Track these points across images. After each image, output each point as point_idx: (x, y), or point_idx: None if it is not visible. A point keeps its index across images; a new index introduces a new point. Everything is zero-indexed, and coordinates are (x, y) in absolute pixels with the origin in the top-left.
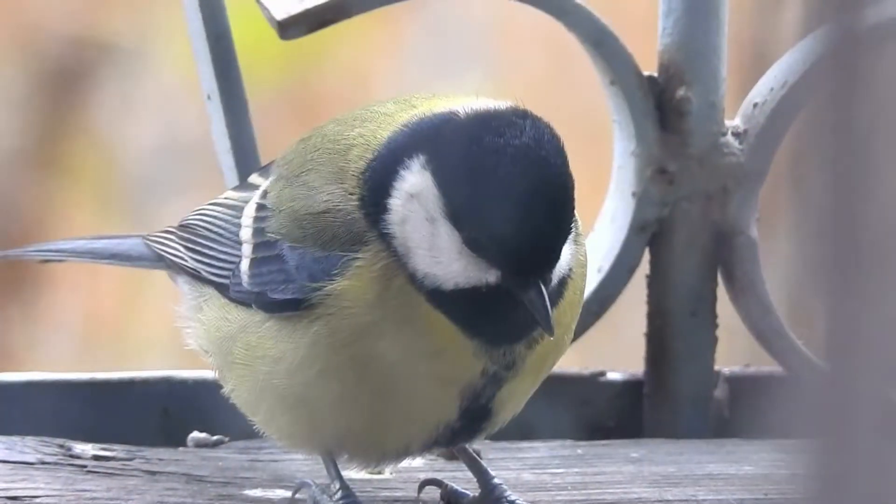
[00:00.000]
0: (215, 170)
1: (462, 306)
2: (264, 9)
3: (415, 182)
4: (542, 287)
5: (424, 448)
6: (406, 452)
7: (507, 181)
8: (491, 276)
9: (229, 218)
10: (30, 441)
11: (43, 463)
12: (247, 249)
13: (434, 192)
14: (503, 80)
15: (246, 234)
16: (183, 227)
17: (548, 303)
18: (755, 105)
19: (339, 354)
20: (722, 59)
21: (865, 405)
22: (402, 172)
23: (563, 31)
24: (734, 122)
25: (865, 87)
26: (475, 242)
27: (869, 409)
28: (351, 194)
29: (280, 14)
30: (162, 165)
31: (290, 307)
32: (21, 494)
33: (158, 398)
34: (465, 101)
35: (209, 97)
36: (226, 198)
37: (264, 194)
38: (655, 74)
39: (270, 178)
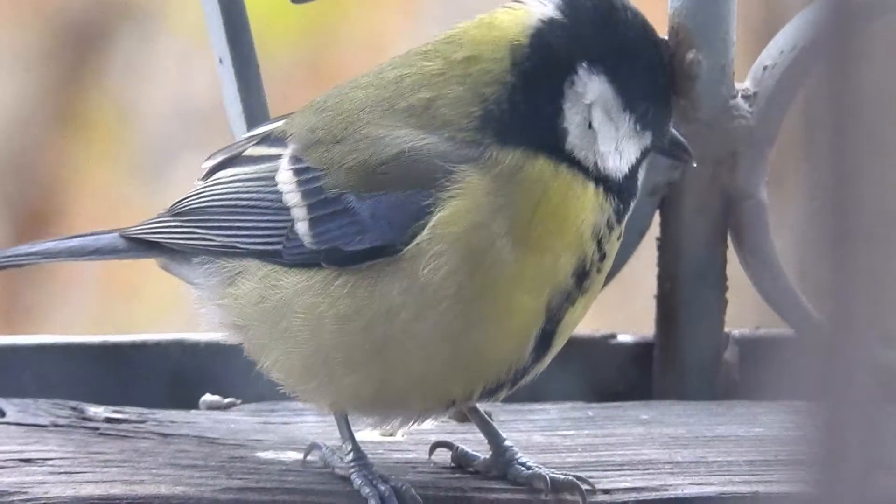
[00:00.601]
0: (226, 132)
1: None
2: None
3: (592, 89)
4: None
5: (486, 394)
6: (467, 399)
7: (656, 53)
8: (647, 139)
9: (260, 189)
10: (43, 404)
11: (56, 425)
12: (300, 212)
13: (611, 91)
14: None
15: (292, 198)
16: (187, 212)
17: (682, 139)
18: (765, 68)
19: (442, 288)
20: (732, 22)
21: (865, 369)
22: (570, 84)
23: None
24: (744, 84)
25: (862, 58)
26: (644, 114)
27: (868, 373)
28: (461, 131)
29: None
30: (176, 125)
31: (372, 256)
32: (34, 457)
33: (171, 361)
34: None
35: (220, 61)
36: (233, 175)
37: (296, 159)
38: (665, 38)
39: (292, 145)
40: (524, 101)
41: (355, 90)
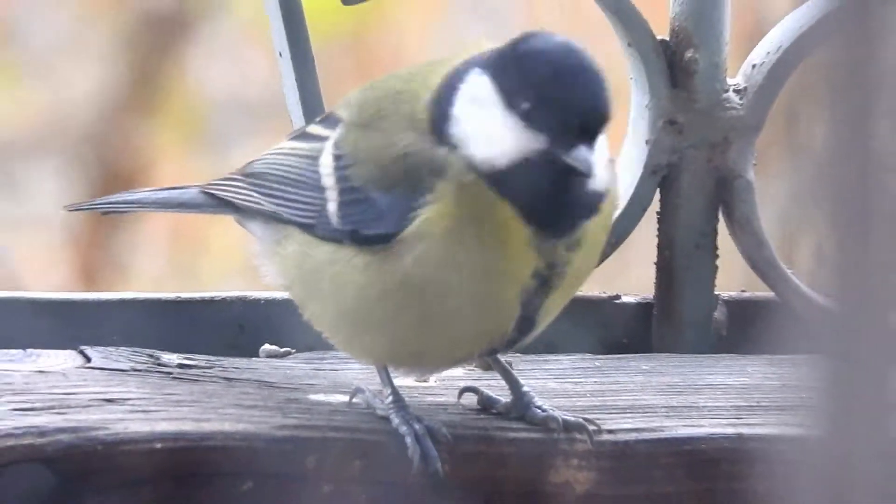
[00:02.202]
0: (284, 118)
1: (518, 185)
2: None
3: (472, 86)
4: (586, 148)
5: (483, 354)
6: (469, 359)
7: (552, 61)
8: (540, 143)
9: (306, 166)
10: (123, 351)
11: (135, 370)
12: (332, 194)
13: (489, 87)
14: None
15: (329, 181)
16: (251, 174)
17: (591, 159)
18: (754, 66)
19: (425, 277)
20: (725, 26)
21: (864, 329)
22: (460, 86)
23: (589, 1)
24: (735, 80)
25: (874, 39)
26: (526, 113)
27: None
28: (423, 129)
29: None
30: (240, 112)
31: (381, 241)
32: (116, 397)
33: (235, 315)
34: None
35: (280, 55)
36: (292, 148)
37: (337, 145)
38: (667, 38)
39: (339, 129)
40: (439, 109)
41: (391, 79)
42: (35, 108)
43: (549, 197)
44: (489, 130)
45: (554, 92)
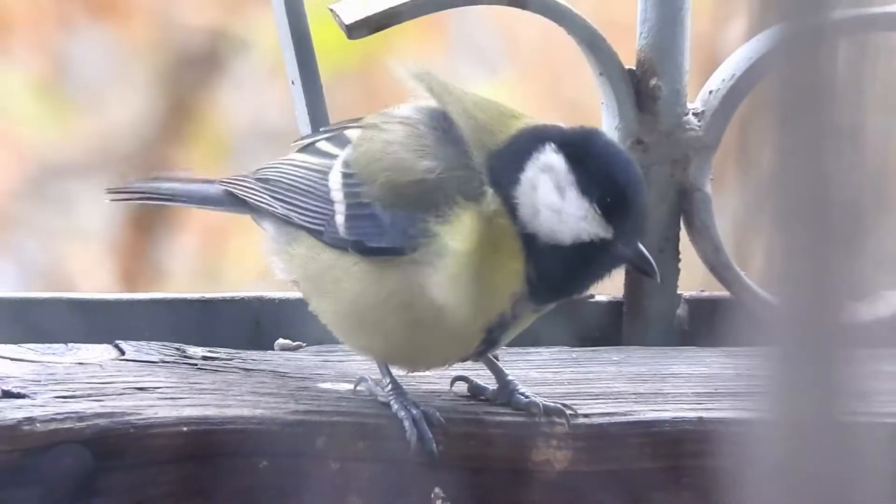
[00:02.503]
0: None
1: (560, 260)
2: (336, 15)
3: (548, 160)
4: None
5: (459, 361)
6: (445, 364)
7: (620, 165)
8: (607, 233)
9: (317, 179)
10: (154, 345)
11: (164, 362)
12: (340, 207)
13: (565, 168)
14: (525, 71)
15: (337, 195)
16: (263, 179)
17: (650, 257)
18: (711, 92)
19: (418, 296)
20: (685, 56)
21: (808, 323)
22: (535, 154)
23: (564, 34)
24: (694, 104)
25: (815, 73)
26: (601, 204)
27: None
28: (466, 165)
29: (348, 19)
30: (262, 138)
31: (385, 253)
32: (147, 386)
33: (252, 313)
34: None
35: (293, 82)
36: (303, 160)
37: (346, 164)
38: (634, 68)
39: (348, 150)
40: (511, 156)
41: (396, 120)
42: (84, 134)
43: (567, 276)
44: (561, 211)
45: (626, 192)
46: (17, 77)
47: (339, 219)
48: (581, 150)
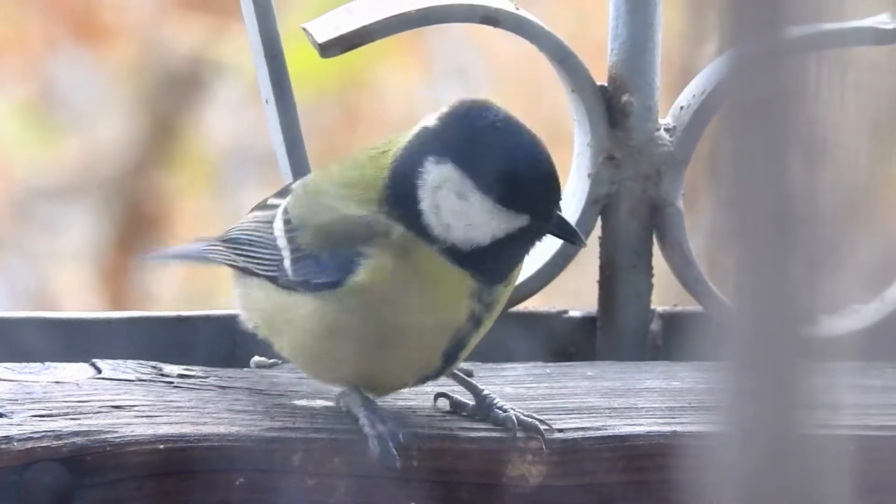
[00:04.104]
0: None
1: (488, 255)
2: (309, 34)
3: (436, 175)
4: (561, 213)
5: (418, 383)
6: (404, 386)
7: (512, 146)
8: (523, 221)
9: (265, 230)
10: (130, 363)
11: (140, 380)
12: (286, 253)
13: (457, 175)
14: (505, 91)
15: (282, 242)
16: (228, 239)
17: (571, 224)
18: (681, 108)
19: (360, 323)
20: (656, 73)
21: (770, 337)
22: (421, 178)
23: (536, 51)
24: (666, 120)
25: (778, 88)
26: (506, 199)
27: (774, 340)
28: (370, 204)
29: (321, 38)
30: (246, 160)
31: (327, 287)
32: (123, 404)
33: (228, 331)
34: (427, 118)
35: (267, 101)
36: (255, 217)
37: (286, 211)
38: (606, 85)
39: (288, 199)
40: (398, 189)
41: (334, 165)
42: (70, 156)
43: (509, 258)
44: (469, 218)
45: (526, 177)
46: (2, 100)
47: (287, 263)
48: (466, 147)
